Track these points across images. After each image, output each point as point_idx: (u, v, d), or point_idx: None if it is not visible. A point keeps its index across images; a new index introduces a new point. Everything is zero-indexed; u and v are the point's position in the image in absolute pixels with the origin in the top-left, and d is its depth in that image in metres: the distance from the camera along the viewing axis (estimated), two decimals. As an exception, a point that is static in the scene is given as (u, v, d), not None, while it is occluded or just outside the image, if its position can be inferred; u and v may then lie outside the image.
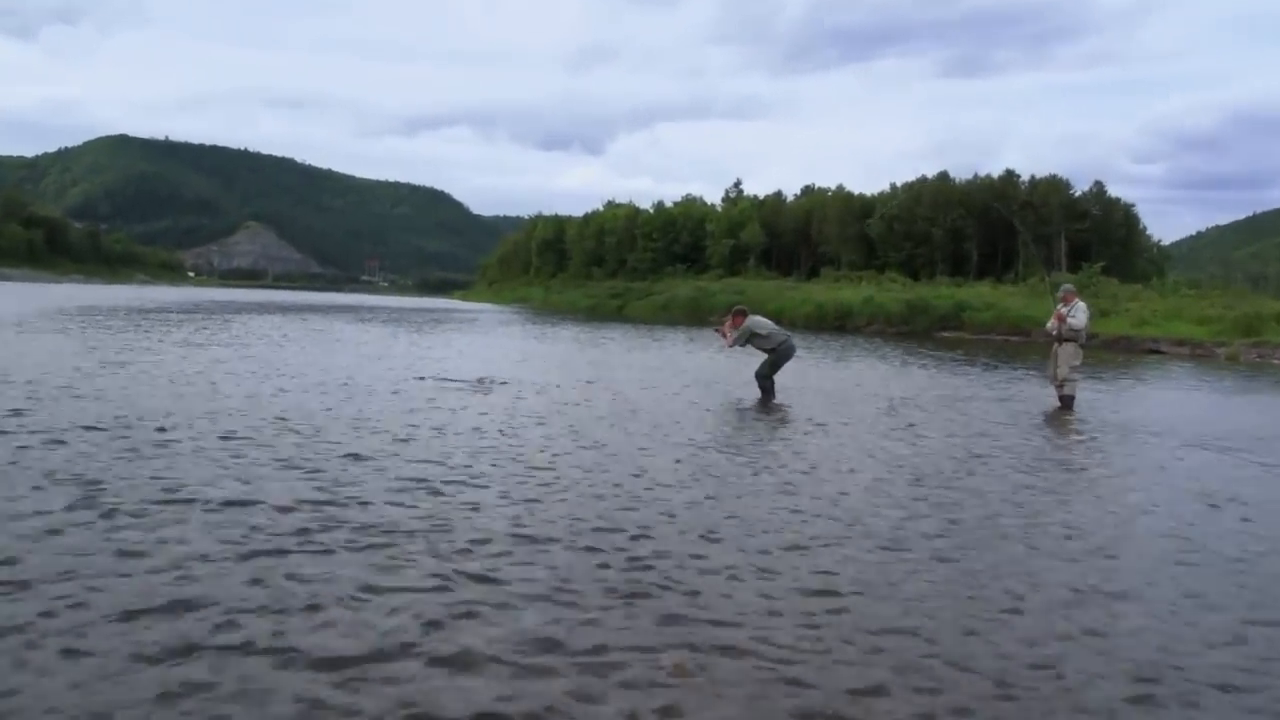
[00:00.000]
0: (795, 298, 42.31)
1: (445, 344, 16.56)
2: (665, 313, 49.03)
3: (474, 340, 18.28)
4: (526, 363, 12.21)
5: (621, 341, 18.29)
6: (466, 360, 12.32)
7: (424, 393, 8.46)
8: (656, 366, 12.33)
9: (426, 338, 18.37)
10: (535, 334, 22.22)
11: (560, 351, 14.80)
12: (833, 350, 19.27)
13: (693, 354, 14.93)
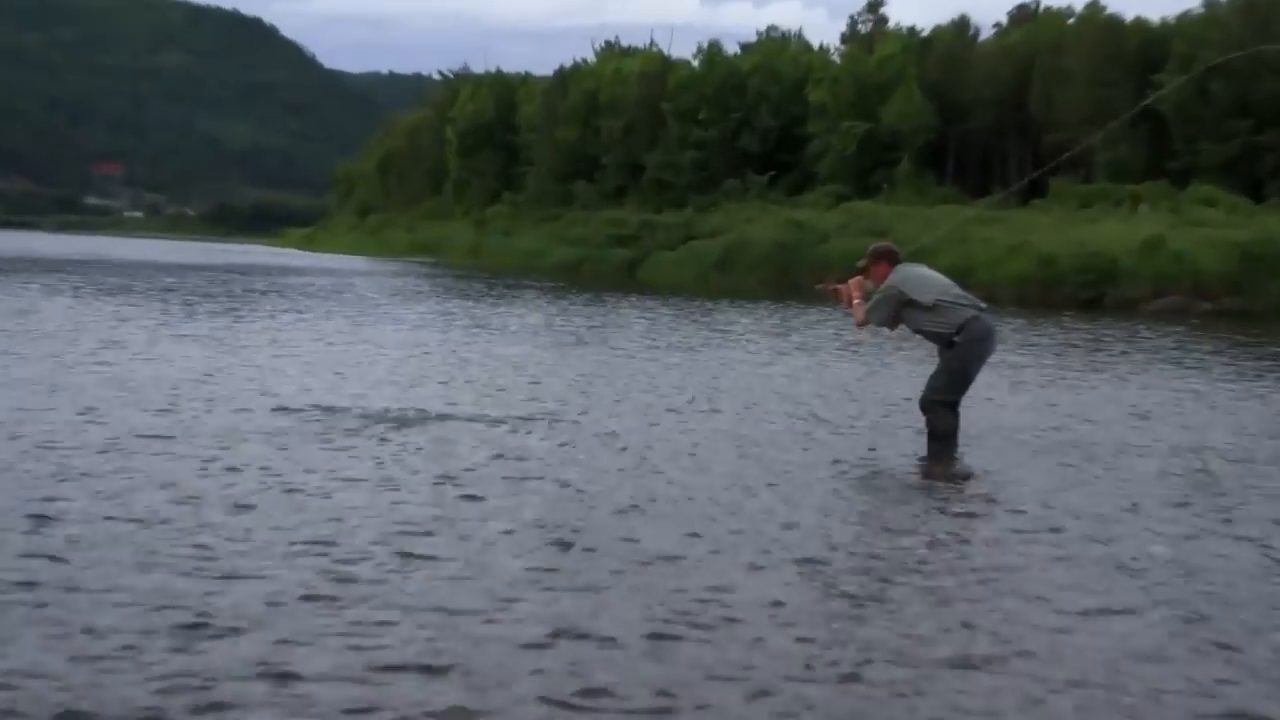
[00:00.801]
0: (997, 242, 39.39)
1: (280, 343, 14.33)
2: (723, 274, 47.24)
3: (344, 335, 15.94)
4: (494, 390, 10.55)
5: (677, 335, 12.61)
6: (352, 382, 10.55)
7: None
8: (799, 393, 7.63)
9: (229, 328, 15.81)
10: (471, 323, 19.60)
11: (542, 359, 12.99)
12: (1074, 349, 17.42)
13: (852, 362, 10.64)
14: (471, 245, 73.36)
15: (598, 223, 63.11)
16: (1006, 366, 14.86)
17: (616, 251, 57.19)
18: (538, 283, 41.13)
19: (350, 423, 8.46)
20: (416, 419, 8.77)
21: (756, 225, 51.05)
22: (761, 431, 8.98)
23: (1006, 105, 56.26)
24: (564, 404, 10.06)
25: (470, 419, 8.93)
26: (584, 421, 9.10)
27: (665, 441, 8.30)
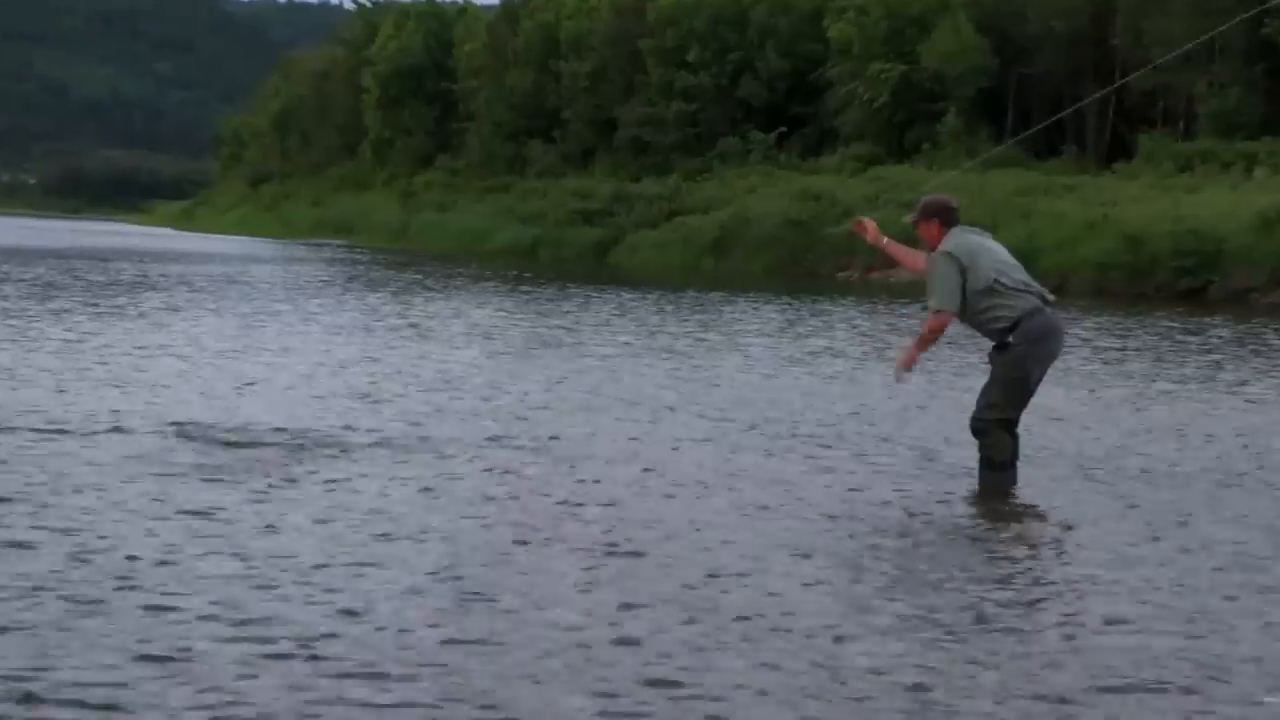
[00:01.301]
0: (1069, 217, 39.60)
1: (149, 352, 14.74)
2: (719, 259, 48.09)
3: (234, 340, 16.30)
4: (427, 409, 10.11)
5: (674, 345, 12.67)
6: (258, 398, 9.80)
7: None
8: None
9: (81, 332, 16.27)
10: (400, 322, 20.23)
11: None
12: (1173, 355, 17.08)
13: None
14: (396, 224, 73.73)
15: (558, 194, 63.39)
16: (1080, 375, 15.13)
17: (583, 231, 57.60)
18: (483, 270, 41.15)
19: (227, 453, 8.58)
20: (324, 446, 8.92)
21: (761, 197, 51.41)
22: (769, 467, 9.11)
23: (1082, 41, 56.55)
24: (516, 428, 10.13)
25: (391, 445, 9.05)
26: (539, 452, 9.21)
27: (642, 482, 8.40)
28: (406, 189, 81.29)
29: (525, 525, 6.93)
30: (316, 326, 18.60)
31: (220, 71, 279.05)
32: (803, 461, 9.23)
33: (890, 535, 7.15)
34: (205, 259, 42.77)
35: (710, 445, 9.72)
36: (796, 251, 45.91)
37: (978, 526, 7.52)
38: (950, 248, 8.22)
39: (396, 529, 6.73)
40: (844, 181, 51.43)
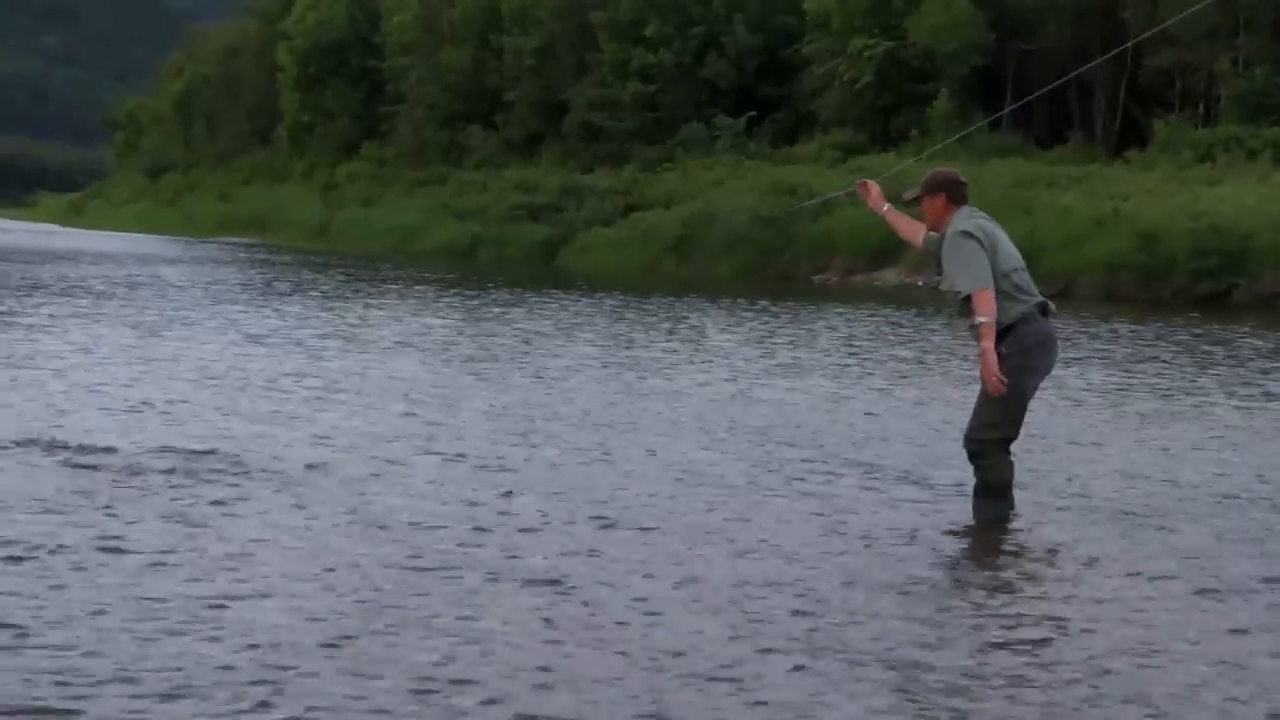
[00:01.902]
0: (1075, 212, 39.68)
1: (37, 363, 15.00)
2: (681, 260, 48.29)
3: (132, 352, 16.51)
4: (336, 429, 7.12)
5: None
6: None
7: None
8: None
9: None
10: (325, 330, 20.43)
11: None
12: (1193, 365, 16.99)
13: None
14: (316, 220, 73.62)
15: (500, 186, 63.41)
16: (1094, 391, 15.17)
17: (528, 228, 57.64)
18: (418, 273, 41.10)
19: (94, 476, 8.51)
20: (227, 472, 8.91)
21: (728, 190, 51.50)
22: (743, 499, 9.07)
23: (1090, 14, 56.97)
24: (459, 447, 10.18)
25: (292, 470, 9.06)
26: (482, 472, 9.19)
27: (601, 517, 8.36)
28: (328, 181, 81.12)
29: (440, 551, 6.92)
30: (235, 336, 18.61)
31: (114, 47, 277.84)
32: (785, 486, 9.25)
33: (883, 574, 7.11)
34: (100, 259, 42.45)
35: (676, 467, 9.73)
36: (769, 252, 45.96)
37: (979, 561, 7.50)
38: (970, 228, 8.19)
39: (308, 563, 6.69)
40: (822, 172, 51.48)
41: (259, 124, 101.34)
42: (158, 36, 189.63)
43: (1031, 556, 7.74)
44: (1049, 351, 8.32)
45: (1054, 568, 7.48)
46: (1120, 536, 8.21)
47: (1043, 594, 6.89)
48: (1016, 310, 8.12)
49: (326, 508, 8.13)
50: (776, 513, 8.48)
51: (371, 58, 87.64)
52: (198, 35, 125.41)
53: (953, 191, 8.43)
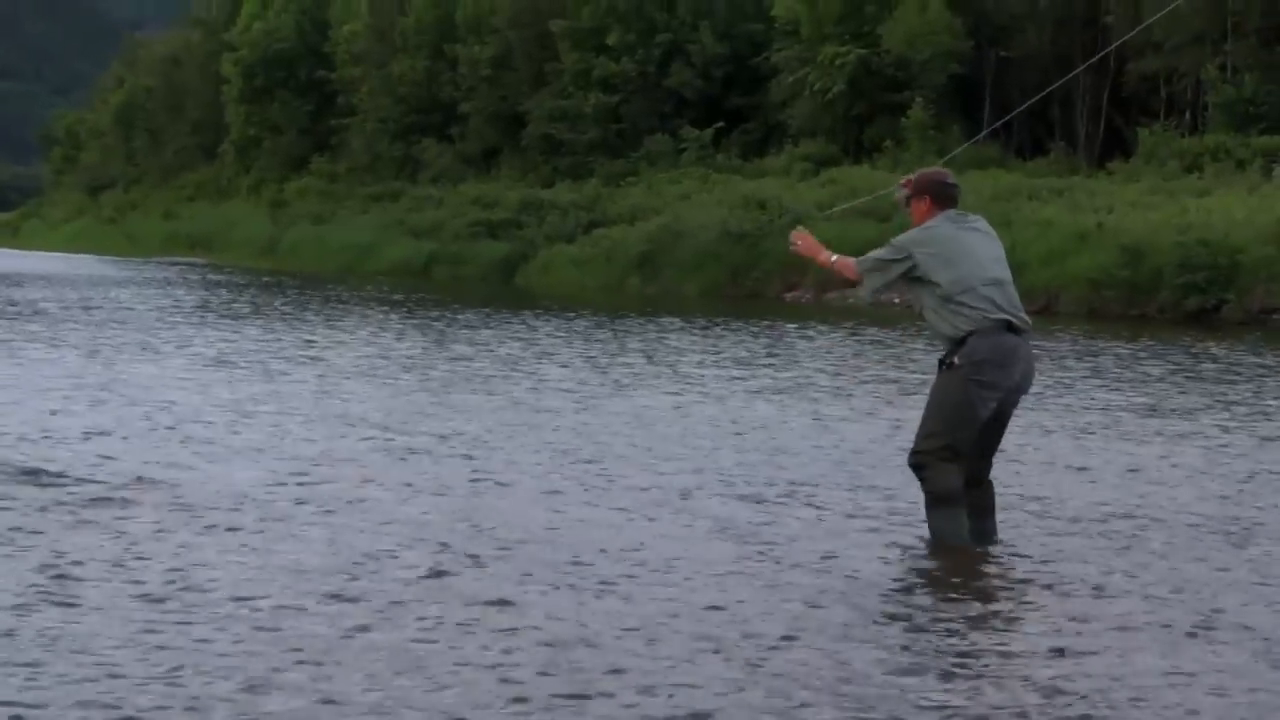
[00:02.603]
0: (1058, 225, 39.77)
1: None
2: (647, 278, 48.54)
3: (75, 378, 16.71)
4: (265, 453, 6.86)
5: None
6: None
7: None
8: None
9: None
10: (271, 352, 19.98)
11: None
12: (1178, 386, 14.84)
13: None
14: (264, 238, 73.73)
15: (457, 202, 63.57)
16: (1082, 412, 15.10)
17: (486, 245, 57.78)
18: (373, 292, 41.20)
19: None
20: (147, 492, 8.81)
21: (695, 205, 51.57)
22: (738, 526, 8.89)
23: (1071, 20, 57.36)
24: (406, 478, 10.10)
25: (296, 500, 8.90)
26: (427, 518, 9.04)
27: (559, 565, 8.15)
28: (276, 198, 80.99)
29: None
30: (196, 360, 18.77)
31: (50, 58, 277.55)
32: (764, 513, 9.10)
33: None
34: (51, 282, 42.58)
35: (659, 495, 9.56)
36: (738, 269, 45.93)
37: (963, 585, 7.31)
38: (915, 237, 8.34)
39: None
40: (793, 185, 51.63)
41: (204, 138, 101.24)
42: (97, 47, 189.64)
43: (1013, 579, 7.67)
44: (1005, 368, 8.20)
45: (1044, 593, 7.33)
46: (1108, 560, 8.13)
47: (1026, 622, 6.76)
48: (972, 321, 8.13)
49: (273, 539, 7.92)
50: (770, 542, 8.31)
51: (321, 69, 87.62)
52: (139, 45, 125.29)
53: (936, 194, 8.51)
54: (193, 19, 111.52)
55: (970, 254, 8.30)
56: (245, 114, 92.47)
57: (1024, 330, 8.28)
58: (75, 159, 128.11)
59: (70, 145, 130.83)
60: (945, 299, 8.21)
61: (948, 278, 8.19)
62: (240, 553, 7.77)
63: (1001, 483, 9.05)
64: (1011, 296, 8.31)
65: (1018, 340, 8.23)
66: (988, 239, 8.47)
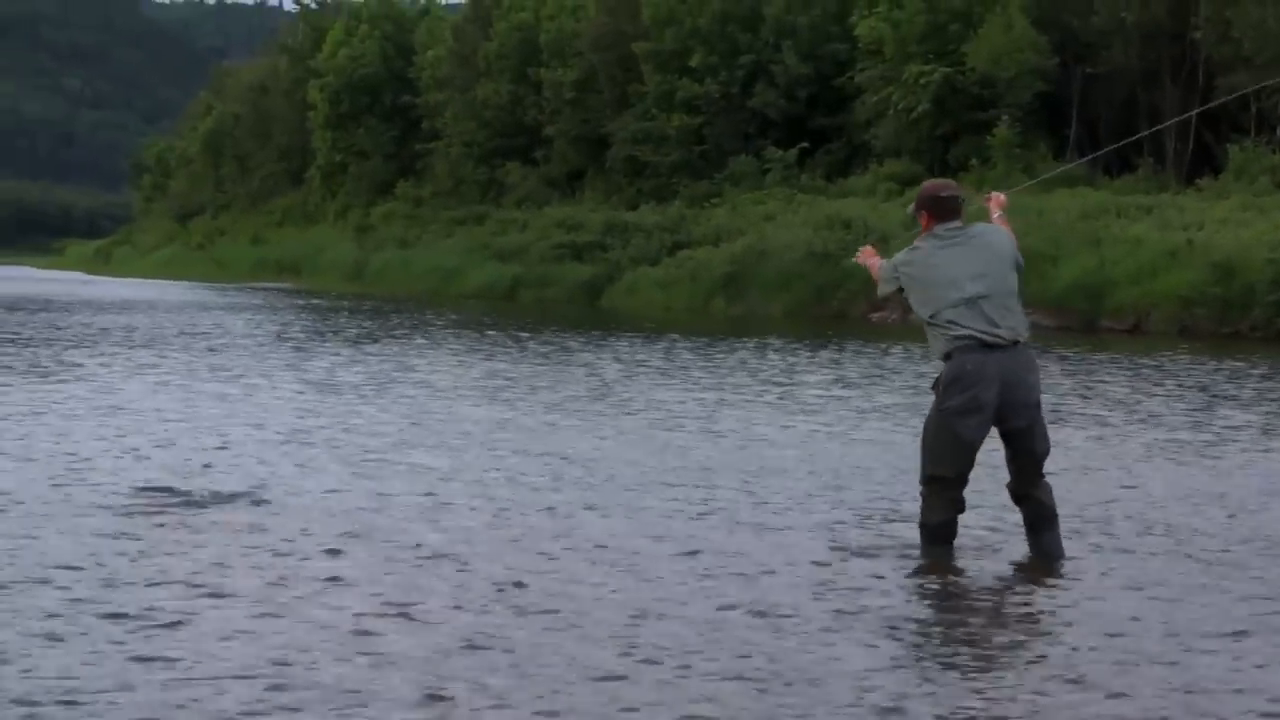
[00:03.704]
0: (1146, 243, 39.63)
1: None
2: (732, 299, 48.51)
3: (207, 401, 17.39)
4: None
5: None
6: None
7: None
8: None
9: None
10: (360, 377, 20.54)
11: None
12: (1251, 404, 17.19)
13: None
14: (351, 263, 74.12)
15: (542, 225, 63.60)
16: (1183, 436, 14.99)
17: (571, 268, 57.79)
18: (464, 316, 41.54)
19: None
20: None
21: (781, 225, 51.47)
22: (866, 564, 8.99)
23: (1158, 34, 56.79)
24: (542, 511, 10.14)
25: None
26: (568, 542, 9.14)
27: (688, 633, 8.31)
28: (362, 222, 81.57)
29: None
30: (315, 383, 19.30)
31: (140, 87, 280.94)
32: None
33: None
34: (154, 307, 43.30)
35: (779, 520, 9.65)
36: (823, 289, 45.89)
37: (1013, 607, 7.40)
38: (905, 259, 8.50)
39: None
40: (877, 205, 51.44)
41: (291, 164, 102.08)
42: (186, 76, 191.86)
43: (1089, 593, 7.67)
44: (974, 387, 8.13)
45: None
46: (1180, 585, 8.10)
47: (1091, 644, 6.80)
48: (943, 345, 8.26)
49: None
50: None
51: (405, 94, 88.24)
52: (227, 74, 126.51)
53: (932, 208, 8.55)
54: (279, 46, 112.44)
55: (943, 274, 8.31)
56: (331, 140, 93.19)
57: (1000, 345, 8.17)
58: (165, 186, 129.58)
59: (160, 173, 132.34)
60: (925, 322, 8.41)
61: (918, 300, 8.40)
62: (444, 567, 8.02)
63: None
64: (988, 311, 8.20)
65: (986, 357, 8.14)
66: (972, 252, 8.38)
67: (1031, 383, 8.31)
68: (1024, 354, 8.31)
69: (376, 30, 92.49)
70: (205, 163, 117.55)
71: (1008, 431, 8.30)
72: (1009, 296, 8.33)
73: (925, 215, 8.54)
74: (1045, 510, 8.47)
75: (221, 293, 61.75)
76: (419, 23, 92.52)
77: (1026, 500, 8.48)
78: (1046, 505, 8.47)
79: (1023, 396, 8.22)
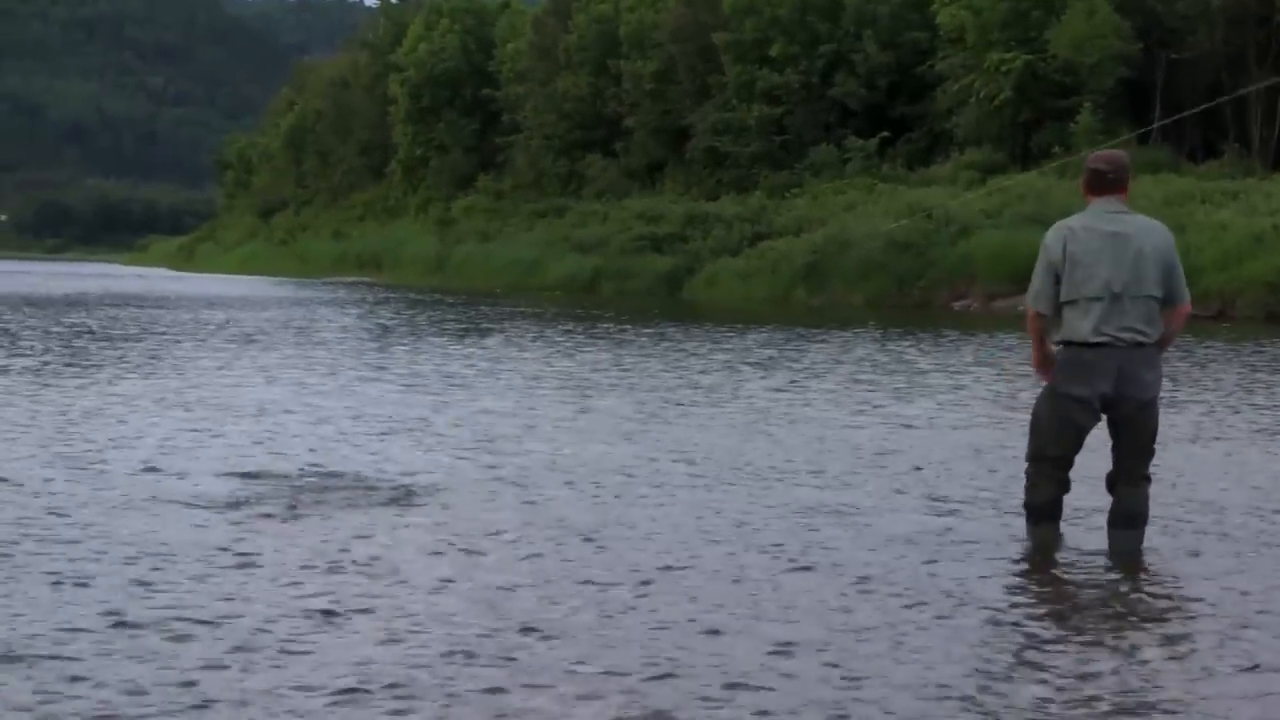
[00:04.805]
0: (1233, 229, 39.62)
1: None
2: (813, 288, 48.51)
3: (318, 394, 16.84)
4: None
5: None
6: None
7: None
8: None
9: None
10: (440, 370, 18.76)
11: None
12: None
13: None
14: (432, 256, 74.50)
15: (622, 217, 63.72)
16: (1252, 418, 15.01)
17: (651, 259, 57.88)
18: (549, 309, 41.57)
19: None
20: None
21: (862, 215, 51.44)
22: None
23: (1244, 17, 56.30)
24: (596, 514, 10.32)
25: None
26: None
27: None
28: (443, 216, 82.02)
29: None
30: (384, 377, 19.19)
31: (222, 84, 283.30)
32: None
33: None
34: (245, 304, 43.64)
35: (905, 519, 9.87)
36: (905, 277, 45.86)
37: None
38: (1051, 235, 8.20)
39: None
40: (959, 194, 51.28)
41: (372, 159, 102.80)
42: (267, 72, 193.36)
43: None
44: (1088, 381, 8.02)
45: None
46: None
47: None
48: (1068, 331, 8.08)
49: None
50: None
51: (486, 87, 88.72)
52: (308, 69, 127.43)
53: (1090, 180, 8.26)
54: (360, 41, 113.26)
55: (1101, 250, 8.04)
56: (412, 134, 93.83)
57: (1128, 344, 7.98)
58: (247, 183, 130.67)
59: (242, 169, 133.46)
60: (1066, 302, 8.18)
61: (1070, 286, 8.07)
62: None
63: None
64: (1118, 311, 8.01)
65: (1121, 361, 8.01)
66: (1141, 238, 8.05)
67: (1148, 380, 8.09)
68: (1145, 352, 8.07)
69: (457, 24, 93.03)
70: (287, 158, 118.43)
71: (1114, 420, 8.20)
72: (1145, 300, 8.03)
73: (1084, 188, 8.30)
74: (1129, 509, 8.36)
75: (312, 287, 62.29)
76: (499, 16, 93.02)
77: (1114, 492, 8.42)
78: (1130, 504, 8.35)
79: (1135, 392, 8.05)
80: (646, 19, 74.30)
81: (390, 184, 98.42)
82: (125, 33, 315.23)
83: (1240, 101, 56.46)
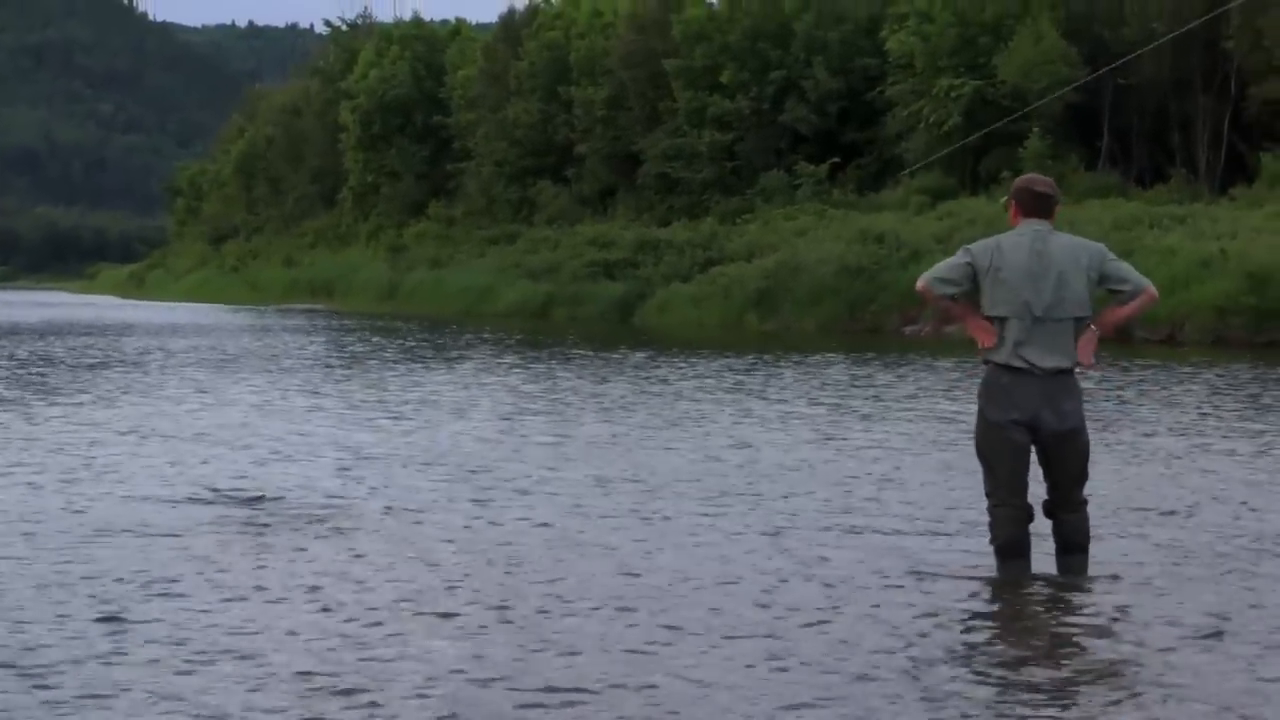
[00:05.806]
0: (1180, 253, 39.76)
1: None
2: (764, 314, 48.58)
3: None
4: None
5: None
6: None
7: None
8: None
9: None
10: (396, 396, 18.65)
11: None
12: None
13: None
14: (384, 283, 74.42)
15: (573, 243, 63.75)
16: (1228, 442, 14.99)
17: (603, 285, 57.85)
18: (502, 336, 41.62)
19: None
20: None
21: (813, 240, 51.58)
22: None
23: (1190, 45, 56.69)
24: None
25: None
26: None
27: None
28: (395, 243, 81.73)
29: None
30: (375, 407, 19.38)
31: (173, 111, 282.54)
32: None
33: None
34: (201, 331, 43.76)
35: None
36: (856, 303, 45.95)
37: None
38: (982, 248, 8.23)
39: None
40: (909, 219, 51.48)
41: (323, 186, 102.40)
42: (218, 99, 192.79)
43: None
44: (1008, 402, 8.06)
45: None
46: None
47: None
48: (996, 353, 8.10)
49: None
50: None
51: (436, 114, 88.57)
52: (259, 96, 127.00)
53: (1021, 200, 8.38)
54: (311, 69, 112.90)
55: (1024, 265, 8.11)
56: (363, 161, 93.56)
57: (1038, 370, 8.05)
58: (198, 210, 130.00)
59: (193, 196, 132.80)
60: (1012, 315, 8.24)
61: (991, 301, 8.20)
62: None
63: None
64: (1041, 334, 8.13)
65: (1021, 379, 8.09)
66: (1061, 252, 8.17)
67: (1068, 410, 8.13)
68: (1063, 380, 8.15)
69: (407, 51, 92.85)
70: (238, 185, 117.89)
71: (1041, 447, 8.21)
72: (1068, 323, 8.15)
73: (1014, 206, 8.40)
74: (1072, 534, 8.37)
75: (262, 314, 62.11)
76: (450, 43, 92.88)
77: (1055, 519, 8.37)
78: (1072, 530, 8.37)
79: (1054, 423, 8.08)
80: (597, 46, 74.29)
81: (342, 211, 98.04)
82: (75, 59, 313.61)
83: (1187, 126, 56.99)
